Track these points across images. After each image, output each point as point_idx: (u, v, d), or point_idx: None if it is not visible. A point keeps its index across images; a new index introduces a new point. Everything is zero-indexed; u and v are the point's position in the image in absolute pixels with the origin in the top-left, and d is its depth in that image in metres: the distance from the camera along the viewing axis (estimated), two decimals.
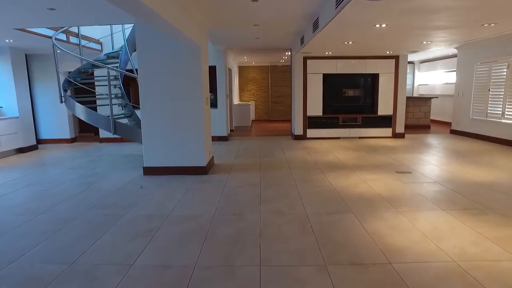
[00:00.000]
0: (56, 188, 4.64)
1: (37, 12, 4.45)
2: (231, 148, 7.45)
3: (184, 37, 4.27)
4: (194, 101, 5.06)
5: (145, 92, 5.09)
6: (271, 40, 7.56)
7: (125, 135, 5.71)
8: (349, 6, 3.50)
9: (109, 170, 5.61)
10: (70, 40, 6.69)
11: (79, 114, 5.80)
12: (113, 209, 3.75)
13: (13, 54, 7.21)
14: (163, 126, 5.12)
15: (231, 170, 5.43)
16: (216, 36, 6.88)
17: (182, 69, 4.99)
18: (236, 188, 4.46)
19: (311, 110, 8.58)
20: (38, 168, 5.91)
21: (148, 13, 3.17)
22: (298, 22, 5.64)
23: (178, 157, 5.18)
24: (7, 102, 7.36)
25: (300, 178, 4.84)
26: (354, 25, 4.60)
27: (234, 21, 5.45)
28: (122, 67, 6.58)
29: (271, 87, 13.87)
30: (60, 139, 8.66)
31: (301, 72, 8.43)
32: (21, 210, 3.83)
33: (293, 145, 7.73)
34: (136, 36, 4.99)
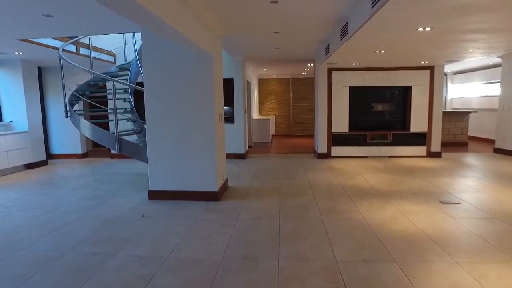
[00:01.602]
0: (50, 214, 4.14)
1: (34, 19, 4.05)
2: (248, 168, 6.82)
3: (193, 44, 3.73)
4: (205, 118, 4.49)
5: (151, 107, 4.57)
6: (293, 50, 6.97)
7: (131, 154, 5.20)
8: (390, 4, 2.85)
9: (113, 192, 5.09)
10: (80, 52, 6.35)
11: (84, 130, 5.36)
12: (104, 246, 3.17)
13: (24, 67, 6.96)
14: (170, 145, 4.57)
15: (246, 196, 4.78)
16: (232, 46, 6.37)
17: (192, 81, 4.45)
18: (251, 220, 3.80)
19: (336, 126, 7.86)
20: (40, 188, 5.48)
21: (153, 20, 2.72)
22: (323, 29, 5.02)
23: (186, 180, 4.59)
24: (17, 116, 7.08)
25: (327, 209, 4.13)
26: (391, 29, 3.92)
27: (252, 27, 4.90)
28: (132, 80, 6.15)
29: (292, 101, 13.24)
30: (71, 154, 8.32)
31: (325, 84, 7.77)
32: (1, 243, 3.32)
33: (316, 165, 7.02)
34: (142, 45, 4.51)
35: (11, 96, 7.02)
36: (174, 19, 2.97)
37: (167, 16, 2.81)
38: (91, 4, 3.59)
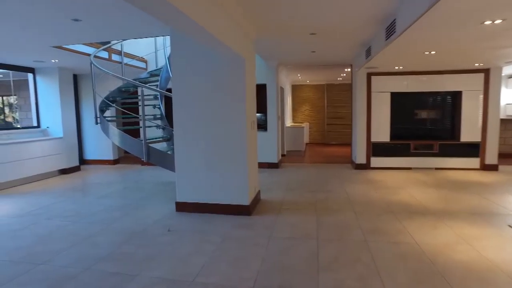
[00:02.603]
0: (75, 224, 3.99)
1: (64, 25, 3.95)
2: (282, 179, 6.42)
3: (224, 47, 3.45)
4: (237, 125, 4.18)
5: (179, 114, 4.33)
6: (330, 53, 6.54)
7: (159, 163, 4.99)
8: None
9: (140, 202, 4.89)
10: (112, 58, 6.31)
11: (113, 137, 5.23)
12: (124, 265, 2.91)
13: (60, 74, 7.05)
14: (199, 155, 4.29)
15: (280, 211, 4.39)
16: (266, 50, 6.05)
17: (223, 86, 4.17)
18: (286, 240, 3.40)
19: (376, 134, 7.30)
20: (69, 195, 5.41)
21: (183, 20, 2.48)
22: (365, 28, 4.57)
23: (216, 192, 4.29)
24: (53, 123, 7.18)
25: (370, 229, 3.65)
26: (450, 25, 3.41)
27: (287, 28, 4.55)
28: (162, 86, 6.00)
29: (327, 108, 12.71)
30: (103, 160, 8.35)
31: (364, 90, 7.25)
32: (22, 255, 3.17)
33: (354, 177, 6.50)
34: (171, 49, 4.29)
35: (48, 103, 7.13)
36: (205, 19, 2.69)
37: (198, 16, 2.54)
38: (119, 7, 3.42)
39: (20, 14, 3.58)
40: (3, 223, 4.11)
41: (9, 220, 4.24)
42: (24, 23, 3.91)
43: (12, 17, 3.69)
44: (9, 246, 3.43)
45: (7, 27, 4.03)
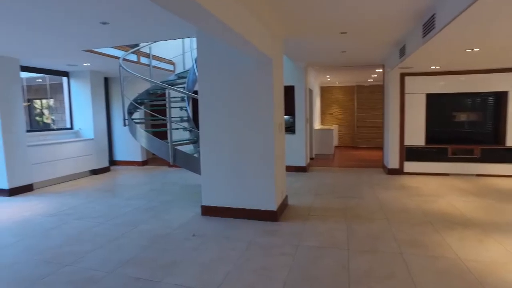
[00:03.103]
0: (102, 226, 4.01)
1: (93, 28, 4.00)
2: (310, 183, 6.22)
3: (251, 47, 3.33)
4: (264, 128, 4.05)
5: (205, 116, 4.26)
6: (361, 53, 6.28)
7: (185, 165, 4.95)
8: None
9: (166, 205, 4.87)
10: (140, 61, 6.38)
11: (140, 139, 5.26)
12: (147, 270, 2.85)
13: (92, 77, 7.24)
14: (225, 158, 4.20)
15: (308, 217, 4.21)
16: (294, 50, 5.89)
17: (250, 88, 4.05)
18: (314, 250, 3.22)
19: (410, 138, 6.92)
20: (98, 196, 5.50)
21: (210, 20, 2.40)
22: (400, 25, 4.31)
23: (242, 197, 4.18)
24: (85, 124, 7.38)
25: (406, 240, 3.39)
26: (502, 16, 3.11)
27: (316, 27, 4.37)
28: (189, 88, 5.99)
29: (357, 110, 12.31)
30: (132, 161, 8.49)
31: (397, 92, 6.90)
32: (52, 255, 3.21)
33: (386, 182, 6.18)
34: (197, 51, 4.24)
35: (81, 105, 7.34)
36: (231, 18, 2.59)
37: (224, 15, 2.44)
38: (146, 9, 3.40)
39: (52, 20, 3.66)
40: (37, 222, 4.22)
41: (42, 219, 4.35)
42: (57, 29, 4.00)
43: (46, 23, 3.78)
44: (41, 245, 3.49)
45: (42, 33, 4.14)
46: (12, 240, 3.66)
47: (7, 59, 5.52)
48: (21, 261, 3.12)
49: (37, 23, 3.76)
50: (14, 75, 5.69)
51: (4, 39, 4.47)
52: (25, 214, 4.56)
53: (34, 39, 4.46)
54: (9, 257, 3.22)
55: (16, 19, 3.61)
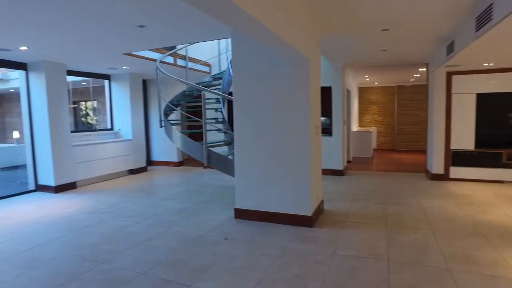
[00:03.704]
0: (137, 225, 4.06)
1: (130, 32, 4.07)
2: (347, 187, 5.96)
3: (287, 47, 3.20)
4: (300, 130, 3.90)
5: (239, 117, 4.20)
6: (403, 51, 5.93)
7: (219, 167, 4.91)
8: None
9: (200, 206, 4.86)
10: (177, 63, 6.47)
11: (175, 140, 5.31)
12: (178, 273, 2.81)
13: (131, 80, 7.47)
14: (259, 160, 4.10)
15: (345, 224, 4.00)
16: (331, 50, 5.67)
17: (285, 89, 3.93)
18: (351, 259, 3.03)
19: (457, 141, 6.43)
20: (135, 195, 5.63)
21: (247, 21, 2.32)
22: (448, 20, 3.99)
23: (276, 201, 4.05)
24: (124, 125, 7.62)
25: (454, 254, 3.09)
26: None
27: (355, 25, 4.16)
28: (225, 89, 5.98)
29: (398, 111, 11.75)
30: (168, 162, 8.66)
31: (443, 92, 6.45)
32: (88, 252, 3.30)
33: (430, 188, 5.77)
34: (232, 51, 4.18)
35: (120, 107, 7.59)
36: (266, 17, 2.48)
37: (259, 14, 2.34)
38: (181, 12, 3.40)
39: (93, 25, 3.77)
40: (76, 219, 4.37)
41: (82, 216, 4.50)
42: (98, 33, 4.12)
43: (88, 29, 3.91)
44: (79, 241, 3.60)
45: (85, 38, 4.29)
46: (54, 235, 3.81)
47: (55, 64, 5.81)
48: (60, 257, 3.22)
49: (80, 29, 3.90)
50: (61, 79, 5.98)
51: (52, 46, 4.70)
52: (67, 211, 4.76)
53: (78, 44, 4.64)
54: (51, 252, 3.35)
55: (62, 26, 3.77)
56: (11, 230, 4.03)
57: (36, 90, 5.81)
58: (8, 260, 3.18)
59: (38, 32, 3.99)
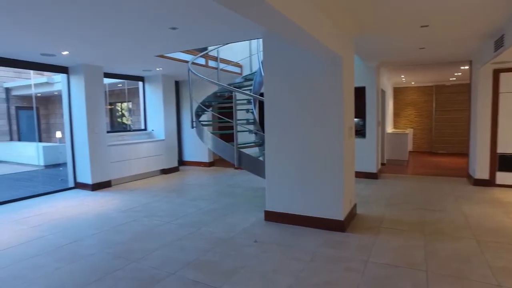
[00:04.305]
0: (167, 225, 4.12)
1: (163, 35, 4.14)
2: (381, 191, 5.73)
3: (320, 46, 3.10)
4: (332, 131, 3.78)
5: (270, 119, 4.14)
6: (443, 49, 5.61)
7: (249, 169, 4.88)
8: None
9: (230, 208, 4.85)
10: (208, 64, 6.53)
11: (206, 141, 5.34)
12: (208, 274, 2.80)
13: (164, 81, 7.63)
14: (290, 162, 4.02)
15: (379, 230, 3.82)
16: (365, 49, 5.47)
17: (317, 89, 3.82)
18: (386, 268, 2.88)
19: (505, 144, 5.98)
20: (166, 195, 5.72)
21: (280, 21, 2.28)
22: (497, 12, 3.70)
23: (307, 204, 3.95)
24: (157, 126, 7.80)
25: (505, 268, 2.84)
26: None
27: (392, 22, 3.97)
28: (256, 90, 5.95)
29: (436, 112, 11.19)
30: (199, 162, 8.76)
31: (488, 91, 6.02)
32: (121, 250, 3.37)
33: (473, 195, 5.41)
34: (263, 52, 4.13)
35: (154, 108, 7.79)
36: (299, 15, 2.41)
37: (292, 12, 2.28)
38: (212, 13, 3.40)
39: (127, 28, 3.86)
40: (111, 217, 4.50)
41: (116, 214, 4.63)
42: (132, 36, 4.23)
43: (123, 32, 4.02)
44: (113, 239, 3.69)
45: (120, 41, 4.42)
46: (90, 232, 3.94)
47: (93, 67, 6.06)
48: (95, 253, 3.32)
49: (116, 33, 4.03)
50: (98, 81, 6.22)
51: (90, 49, 4.88)
52: (102, 209, 4.92)
53: (114, 47, 4.79)
54: (87, 247, 3.47)
55: (99, 31, 3.92)
56: (53, 224, 4.23)
57: (76, 92, 6.08)
58: (51, 253, 3.35)
59: (78, 37, 4.16)
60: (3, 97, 11.76)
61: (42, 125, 12.84)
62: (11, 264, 3.13)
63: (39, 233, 3.95)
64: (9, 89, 11.81)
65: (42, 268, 3.02)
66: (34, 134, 11.60)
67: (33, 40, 4.22)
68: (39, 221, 4.41)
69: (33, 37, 4.10)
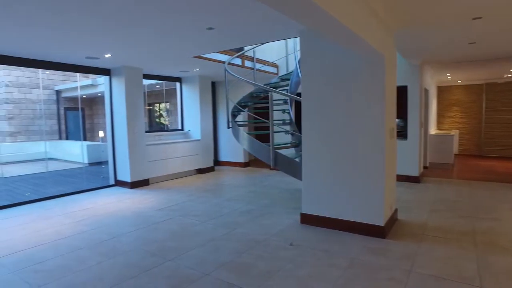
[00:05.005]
0: (203, 225, 4.13)
1: (200, 35, 4.17)
2: (424, 196, 5.41)
3: (362, 43, 2.95)
4: (372, 132, 3.61)
5: (307, 120, 4.03)
6: (497, 42, 5.17)
7: (285, 170, 4.79)
8: None
9: (265, 209, 4.79)
10: (245, 64, 6.52)
11: (242, 142, 5.32)
12: (243, 277, 2.75)
13: (201, 82, 7.74)
14: (328, 164, 3.89)
15: (423, 237, 3.59)
16: (408, 45, 5.17)
17: (357, 88, 3.66)
18: (432, 280, 2.67)
19: None
20: (201, 194, 5.78)
21: (322, 18, 2.21)
22: None
23: (346, 208, 3.80)
24: (194, 126, 7.93)
25: None
26: None
27: (439, 15, 3.71)
28: (292, 90, 5.85)
29: (486, 112, 10.43)
30: (234, 162, 8.79)
31: None
32: (157, 248, 3.43)
33: None
34: (300, 51, 4.03)
35: (190, 108, 7.92)
36: (339, 10, 2.29)
37: (331, 7, 2.17)
38: (249, 12, 3.38)
39: (166, 29, 3.92)
40: (148, 215, 4.61)
41: (153, 212, 4.73)
42: (170, 37, 4.29)
43: (162, 33, 4.08)
44: (149, 237, 3.77)
45: (159, 42, 4.51)
46: (129, 228, 4.05)
47: (133, 69, 6.26)
48: (133, 250, 3.39)
49: (155, 35, 4.12)
50: (138, 82, 6.42)
51: (130, 51, 5.04)
52: (140, 206, 5.05)
53: (153, 49, 4.91)
54: (125, 244, 3.56)
55: (139, 34, 4.01)
56: (95, 220, 4.41)
57: (117, 93, 6.32)
58: (93, 247, 3.49)
59: (120, 40, 4.31)
60: (54, 99, 12.56)
61: (86, 124, 13.58)
62: (60, 255, 3.31)
63: (83, 227, 4.13)
64: (59, 91, 12.60)
65: (85, 261, 3.15)
66: (79, 133, 12.30)
67: (80, 44, 4.42)
68: (82, 216, 4.61)
69: (80, 41, 4.29)
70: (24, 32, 3.82)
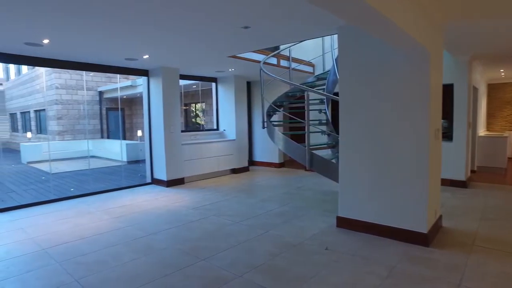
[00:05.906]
0: (236, 225, 4.10)
1: (236, 34, 4.13)
2: (472, 202, 5.01)
3: (406, 39, 2.76)
4: (415, 134, 3.38)
5: (345, 120, 3.86)
6: None
7: (322, 171, 4.64)
8: None
9: (299, 211, 4.67)
10: (280, 64, 6.43)
11: (277, 142, 5.23)
12: (275, 281, 2.67)
13: (236, 82, 7.74)
14: (367, 166, 3.70)
15: (472, 248, 3.30)
16: (455, 40, 4.80)
17: (399, 87, 3.44)
18: None
19: None
20: (236, 194, 5.76)
21: (365, 12, 2.11)
22: None
23: (385, 212, 3.59)
24: (229, 126, 7.96)
25: None
26: None
27: (494, 4, 3.39)
28: (329, 90, 5.67)
29: None
30: (269, 163, 8.72)
31: None
32: (190, 247, 3.45)
33: None
34: (338, 48, 3.87)
35: (225, 108, 7.96)
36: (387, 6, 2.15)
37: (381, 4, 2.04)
38: (285, 9, 3.32)
39: (201, 29, 3.93)
40: (182, 213, 4.65)
41: (187, 211, 4.78)
42: (205, 37, 4.30)
43: (197, 34, 4.11)
44: (183, 235, 3.79)
45: (195, 43, 4.55)
46: (163, 226, 4.11)
47: (170, 69, 6.38)
48: (167, 248, 3.42)
49: (191, 35, 4.15)
50: (175, 83, 6.53)
51: (168, 52, 5.14)
52: (175, 205, 5.13)
53: (189, 49, 4.97)
54: (160, 242, 3.61)
55: (177, 35, 4.08)
56: (132, 217, 4.52)
57: (154, 94, 6.47)
58: (129, 244, 3.57)
59: (158, 41, 4.40)
60: (97, 100, 13.23)
61: (126, 124, 14.16)
62: (98, 249, 3.41)
63: (120, 223, 4.24)
64: (101, 92, 13.25)
65: (121, 257, 3.21)
66: (119, 133, 12.84)
67: (120, 46, 4.56)
68: (120, 212, 4.75)
69: (120, 43, 4.43)
70: (75, 38, 4.07)
